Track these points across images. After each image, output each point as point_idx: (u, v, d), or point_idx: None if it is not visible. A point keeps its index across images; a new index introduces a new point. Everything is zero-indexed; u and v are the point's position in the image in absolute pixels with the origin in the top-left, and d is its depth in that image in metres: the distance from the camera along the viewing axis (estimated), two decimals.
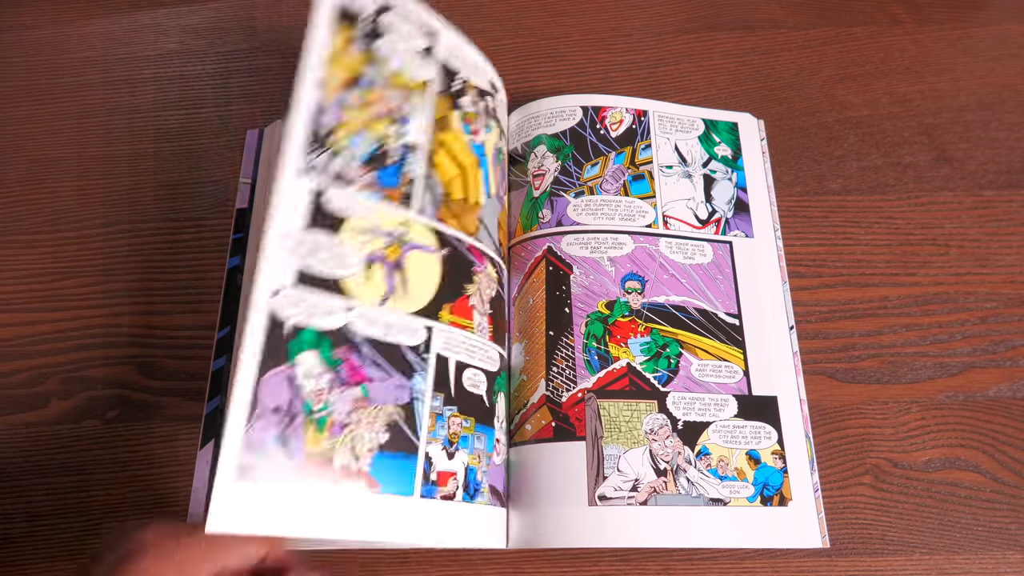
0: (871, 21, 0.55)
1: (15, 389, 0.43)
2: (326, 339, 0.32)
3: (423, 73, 0.39)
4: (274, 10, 0.56)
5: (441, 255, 0.37)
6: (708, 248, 0.44)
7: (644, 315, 0.41)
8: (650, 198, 0.45)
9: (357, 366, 0.33)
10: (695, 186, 0.45)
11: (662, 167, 0.46)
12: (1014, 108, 0.51)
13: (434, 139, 0.38)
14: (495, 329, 0.40)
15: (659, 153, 0.46)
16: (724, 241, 0.44)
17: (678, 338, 0.41)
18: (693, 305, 0.42)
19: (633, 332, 0.41)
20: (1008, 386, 0.42)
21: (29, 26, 0.56)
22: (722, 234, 0.44)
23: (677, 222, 0.44)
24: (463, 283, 0.38)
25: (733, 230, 0.45)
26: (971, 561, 0.38)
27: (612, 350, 0.40)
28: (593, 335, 0.41)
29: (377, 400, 0.33)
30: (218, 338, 0.43)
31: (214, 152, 0.50)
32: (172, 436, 0.42)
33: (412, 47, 0.38)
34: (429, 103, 0.38)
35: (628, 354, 0.40)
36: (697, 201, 0.45)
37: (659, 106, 0.48)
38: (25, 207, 0.49)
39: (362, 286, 0.34)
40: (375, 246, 0.35)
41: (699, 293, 0.42)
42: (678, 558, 0.39)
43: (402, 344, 0.35)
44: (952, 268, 0.45)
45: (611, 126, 0.47)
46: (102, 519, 0.40)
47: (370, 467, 0.32)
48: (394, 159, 0.36)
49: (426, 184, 0.37)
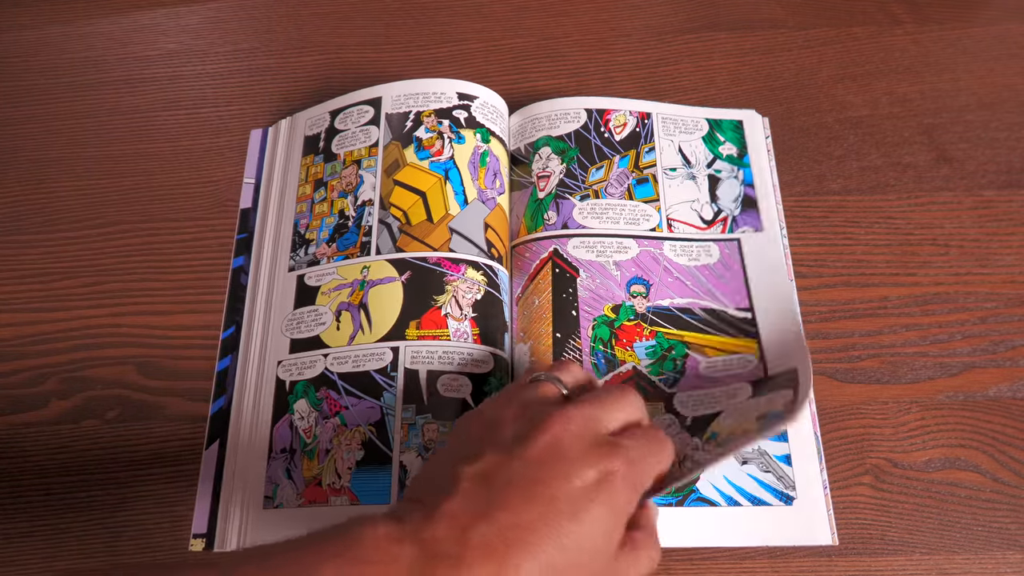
0: (871, 21, 0.55)
1: (15, 389, 0.43)
2: (311, 386, 0.40)
3: (368, 139, 0.45)
4: (274, 10, 0.56)
5: (401, 282, 0.41)
6: (714, 248, 0.44)
7: (649, 319, 0.41)
8: (654, 202, 0.45)
9: (335, 399, 0.39)
10: (699, 187, 0.45)
11: (666, 170, 0.46)
12: (1014, 108, 0.51)
13: (386, 186, 0.44)
14: (483, 331, 0.40)
15: (663, 156, 0.46)
16: (731, 239, 0.44)
17: (684, 339, 0.41)
18: (700, 306, 0.42)
19: (639, 336, 0.41)
20: (1008, 386, 0.42)
21: (29, 26, 0.56)
22: (729, 232, 0.44)
23: (682, 224, 0.44)
24: (432, 296, 0.40)
25: (741, 227, 0.45)
26: (971, 561, 0.38)
27: (618, 353, 0.40)
28: (600, 338, 0.41)
29: (352, 423, 0.39)
30: (223, 338, 0.43)
31: (214, 152, 0.50)
32: (172, 436, 0.42)
33: (359, 123, 0.46)
34: (378, 158, 0.45)
35: (634, 358, 0.40)
36: (702, 202, 0.45)
37: (663, 108, 0.48)
38: (25, 207, 0.49)
39: (334, 334, 0.41)
40: (341, 298, 0.41)
41: (706, 294, 0.42)
42: (678, 558, 0.39)
43: (370, 370, 0.39)
44: (952, 268, 0.45)
45: (615, 129, 0.47)
46: (102, 519, 0.40)
47: (350, 483, 0.37)
48: (351, 222, 0.43)
49: (380, 227, 0.42)
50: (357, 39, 0.55)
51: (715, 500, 0.38)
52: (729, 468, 0.38)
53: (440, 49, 0.54)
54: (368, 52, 0.54)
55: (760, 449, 0.39)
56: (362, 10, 0.56)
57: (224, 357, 0.43)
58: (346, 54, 0.54)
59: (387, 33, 0.55)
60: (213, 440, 0.40)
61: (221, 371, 0.42)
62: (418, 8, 0.56)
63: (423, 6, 0.56)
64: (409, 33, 0.55)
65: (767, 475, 0.38)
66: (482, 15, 0.56)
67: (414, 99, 0.46)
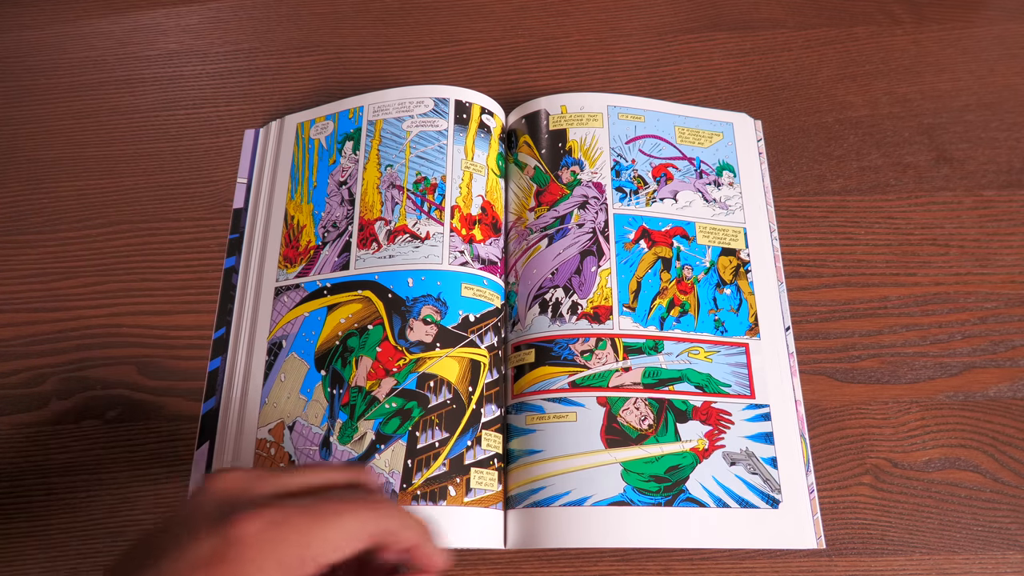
0: (871, 21, 0.55)
1: (15, 389, 0.43)
2: None
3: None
4: (274, 10, 0.56)
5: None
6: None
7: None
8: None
9: None
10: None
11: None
12: (1014, 108, 0.50)
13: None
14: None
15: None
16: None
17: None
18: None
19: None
20: (1008, 386, 0.42)
21: (29, 26, 0.56)
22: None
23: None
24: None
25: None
26: (971, 561, 0.38)
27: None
28: None
29: None
30: (214, 339, 0.43)
31: (214, 152, 0.50)
32: (172, 436, 0.42)
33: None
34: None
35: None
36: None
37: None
38: (25, 207, 0.49)
39: None
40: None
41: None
42: (678, 558, 0.39)
43: None
44: (952, 268, 0.45)
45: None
46: (102, 519, 0.40)
47: None
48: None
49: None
50: (357, 39, 0.55)
51: (704, 501, 0.38)
52: (718, 468, 0.38)
53: (440, 49, 0.54)
54: (368, 52, 0.54)
55: (748, 450, 0.39)
56: (362, 10, 0.56)
57: (215, 358, 0.43)
58: (346, 54, 0.54)
59: (387, 33, 0.55)
60: (204, 440, 0.40)
61: (212, 372, 0.42)
62: (418, 8, 0.56)
63: (423, 6, 0.56)
64: (409, 33, 0.55)
65: (754, 477, 0.38)
66: (482, 15, 0.56)
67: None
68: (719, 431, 0.39)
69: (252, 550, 0.23)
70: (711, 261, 0.44)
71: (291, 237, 0.45)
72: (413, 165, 0.44)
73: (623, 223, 0.44)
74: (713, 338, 0.42)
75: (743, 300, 0.43)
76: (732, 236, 0.45)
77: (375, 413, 0.39)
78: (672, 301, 0.42)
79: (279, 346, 0.42)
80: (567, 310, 0.41)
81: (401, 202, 0.43)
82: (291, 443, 0.39)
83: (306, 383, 0.40)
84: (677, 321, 0.42)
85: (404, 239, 0.42)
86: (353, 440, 0.38)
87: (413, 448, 0.38)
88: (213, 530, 0.24)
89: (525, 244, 0.44)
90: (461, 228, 0.42)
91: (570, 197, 0.44)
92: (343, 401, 0.39)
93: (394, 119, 0.45)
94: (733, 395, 0.40)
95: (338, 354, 0.40)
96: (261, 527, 0.24)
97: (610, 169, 0.45)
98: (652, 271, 0.43)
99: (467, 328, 0.40)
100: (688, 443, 0.39)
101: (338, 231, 0.43)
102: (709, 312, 0.42)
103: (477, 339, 0.40)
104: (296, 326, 0.42)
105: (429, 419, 0.38)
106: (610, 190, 0.45)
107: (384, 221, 0.43)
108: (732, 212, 0.45)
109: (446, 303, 0.40)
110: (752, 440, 0.39)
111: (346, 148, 0.46)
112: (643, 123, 0.47)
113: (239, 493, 0.26)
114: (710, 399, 0.40)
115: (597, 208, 0.44)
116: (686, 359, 0.41)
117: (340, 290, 0.42)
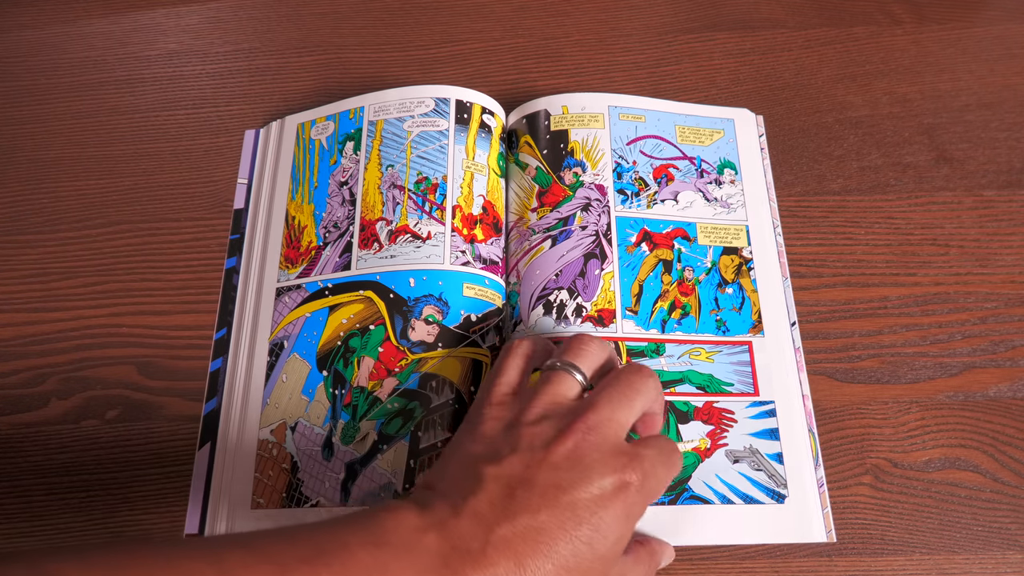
0: (871, 21, 0.55)
1: (15, 389, 0.43)
2: None
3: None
4: (274, 10, 0.56)
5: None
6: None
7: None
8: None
9: None
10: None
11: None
12: (1014, 108, 0.51)
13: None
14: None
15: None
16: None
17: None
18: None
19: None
20: (1008, 386, 0.42)
21: (29, 26, 0.56)
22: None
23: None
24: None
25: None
26: (971, 561, 0.39)
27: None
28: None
29: None
30: (216, 339, 0.43)
31: (214, 152, 0.50)
32: (172, 436, 0.42)
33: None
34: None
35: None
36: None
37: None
38: (25, 207, 0.49)
39: None
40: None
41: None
42: (678, 558, 0.39)
43: None
44: (952, 268, 0.45)
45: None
46: (102, 519, 0.40)
47: None
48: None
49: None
50: (357, 39, 0.55)
51: (708, 498, 0.38)
52: (721, 466, 0.38)
53: (440, 49, 0.54)
54: (368, 52, 0.54)
55: (751, 447, 0.39)
56: (362, 10, 0.56)
57: (216, 358, 0.43)
58: (346, 54, 0.54)
59: (387, 33, 0.55)
60: (205, 441, 0.40)
61: (213, 372, 0.42)
62: (418, 8, 0.56)
63: (423, 6, 0.56)
64: (409, 33, 0.55)
65: (758, 473, 0.38)
66: (482, 15, 0.56)
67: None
68: (721, 430, 0.39)
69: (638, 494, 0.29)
70: (712, 261, 0.44)
71: (292, 238, 0.45)
72: (414, 165, 0.44)
73: (625, 226, 0.44)
74: (715, 338, 0.42)
75: (745, 298, 0.43)
76: (734, 235, 0.45)
77: (377, 413, 0.39)
78: (673, 303, 0.42)
79: (281, 347, 0.42)
80: (571, 312, 0.41)
81: (402, 202, 0.43)
82: (293, 444, 0.39)
83: (308, 383, 0.40)
84: (678, 323, 0.42)
85: (405, 239, 0.42)
86: (355, 440, 0.38)
87: (415, 448, 0.38)
88: (609, 471, 0.28)
89: (527, 244, 0.44)
90: (462, 228, 0.42)
91: (573, 199, 0.44)
92: (345, 401, 0.39)
93: (395, 119, 0.45)
94: (736, 394, 0.40)
95: (340, 354, 0.40)
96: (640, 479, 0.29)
97: (612, 171, 0.45)
98: (654, 274, 0.43)
99: (469, 328, 0.40)
100: (690, 443, 0.39)
101: (339, 231, 0.43)
102: (711, 312, 0.42)
103: (479, 339, 0.40)
104: (298, 326, 0.42)
105: (431, 419, 0.38)
106: (612, 192, 0.45)
107: (385, 221, 0.43)
108: (734, 210, 0.45)
109: (448, 303, 0.40)
110: (756, 437, 0.39)
111: (347, 148, 0.46)
112: (644, 123, 0.47)
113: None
114: (712, 399, 0.40)
115: (600, 210, 0.44)
116: (687, 361, 0.41)
117: (342, 290, 0.42)
